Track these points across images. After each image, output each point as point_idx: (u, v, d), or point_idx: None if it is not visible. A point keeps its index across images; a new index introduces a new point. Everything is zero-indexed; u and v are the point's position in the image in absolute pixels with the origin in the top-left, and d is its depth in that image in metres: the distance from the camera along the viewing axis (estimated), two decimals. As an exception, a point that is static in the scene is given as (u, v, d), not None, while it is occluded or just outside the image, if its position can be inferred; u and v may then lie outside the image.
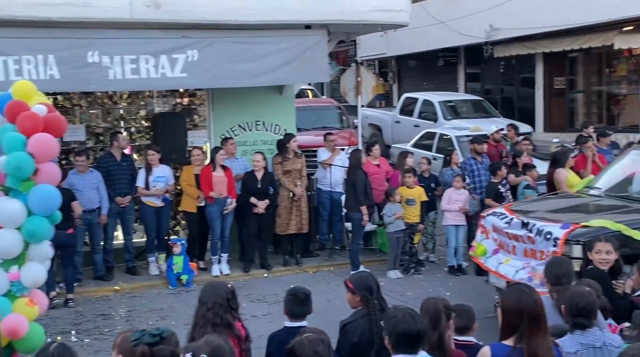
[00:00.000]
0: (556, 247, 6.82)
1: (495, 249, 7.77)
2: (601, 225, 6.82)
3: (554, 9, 17.82)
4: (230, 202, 9.92)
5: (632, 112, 18.24)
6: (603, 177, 8.68)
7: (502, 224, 7.65)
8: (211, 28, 9.48)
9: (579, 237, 6.77)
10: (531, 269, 7.06)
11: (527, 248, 7.21)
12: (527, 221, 7.32)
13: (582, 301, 4.17)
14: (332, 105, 18.04)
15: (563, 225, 6.98)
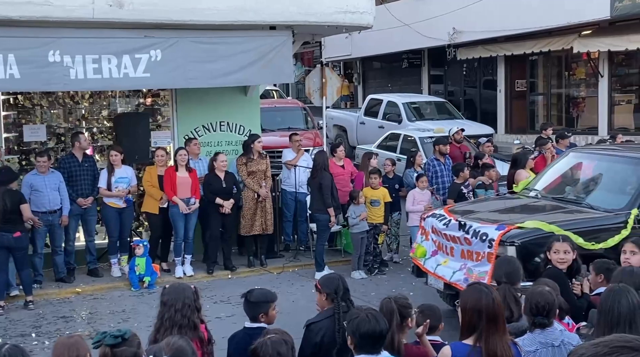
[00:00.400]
0: (491, 248, 6.91)
1: (434, 250, 7.82)
2: (535, 226, 6.93)
3: (515, 13, 18.11)
4: (193, 203, 9.87)
5: (591, 115, 18.62)
6: (542, 179, 8.81)
7: (440, 226, 7.70)
8: (175, 28, 9.42)
9: (513, 238, 6.87)
10: (467, 270, 7.12)
11: (464, 249, 7.27)
12: (464, 222, 7.38)
13: (542, 300, 4.24)
14: (297, 106, 18.09)
15: (498, 226, 7.06)
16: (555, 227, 6.85)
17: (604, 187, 8.11)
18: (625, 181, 7.85)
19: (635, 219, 7.10)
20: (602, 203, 7.58)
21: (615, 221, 7.15)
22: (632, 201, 7.34)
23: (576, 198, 8.02)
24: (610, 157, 8.46)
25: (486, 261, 6.98)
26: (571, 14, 16.81)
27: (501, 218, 7.52)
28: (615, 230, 7.00)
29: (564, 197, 8.12)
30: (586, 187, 8.33)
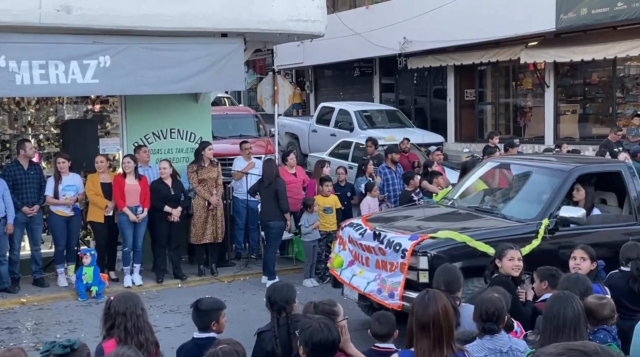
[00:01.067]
0: (404, 258, 6.90)
1: (350, 260, 7.73)
2: (448, 236, 6.95)
3: (464, 24, 18.44)
4: (141, 211, 9.73)
5: (537, 124, 19.05)
6: (460, 188, 8.88)
7: (356, 235, 7.63)
8: (125, 34, 9.30)
9: (426, 248, 6.89)
10: (381, 280, 7.07)
11: (379, 259, 7.22)
12: (378, 232, 7.35)
13: (492, 306, 4.30)
14: (249, 113, 18.03)
15: (411, 236, 7.05)
16: (467, 237, 6.90)
17: (518, 197, 8.14)
18: (539, 190, 7.91)
19: (545, 229, 7.15)
20: (515, 213, 7.62)
21: (526, 231, 7.19)
22: (543, 211, 7.38)
23: (491, 208, 8.05)
24: (525, 167, 8.53)
25: (399, 271, 6.95)
26: (518, 26, 17.20)
27: (416, 228, 7.52)
28: (527, 240, 7.03)
29: (480, 206, 8.17)
30: (501, 197, 8.38)
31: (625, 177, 7.78)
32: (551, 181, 7.75)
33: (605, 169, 8.37)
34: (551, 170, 8.01)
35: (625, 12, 14.94)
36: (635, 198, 7.70)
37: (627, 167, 8.01)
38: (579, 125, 18.52)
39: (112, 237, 9.99)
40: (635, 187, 7.74)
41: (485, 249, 6.78)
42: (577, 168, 7.84)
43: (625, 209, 7.87)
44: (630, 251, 5.94)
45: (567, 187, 7.62)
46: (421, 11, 19.18)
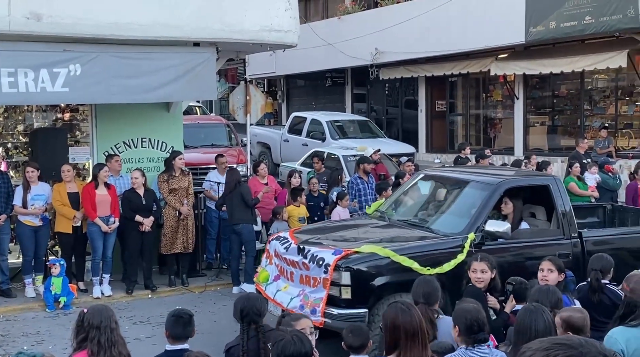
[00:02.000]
0: (327, 274, 6.76)
1: (276, 275, 7.58)
2: (371, 251, 6.84)
3: (435, 35, 18.63)
4: (113, 221, 9.63)
5: (507, 136, 19.28)
6: (392, 200, 8.83)
7: (281, 249, 7.50)
8: (96, 42, 9.23)
9: (348, 263, 6.77)
10: (304, 296, 6.92)
11: (303, 275, 7.09)
12: (303, 246, 7.23)
13: (478, 316, 4.28)
14: (221, 122, 17.98)
15: (335, 251, 6.92)
16: (390, 251, 6.80)
17: (447, 211, 8.07)
18: (467, 204, 7.80)
19: (471, 243, 7.08)
20: (442, 227, 7.57)
21: (452, 245, 7.12)
22: (469, 225, 7.29)
23: (420, 221, 7.97)
24: (455, 180, 8.44)
25: (322, 287, 6.82)
26: (488, 38, 17.43)
27: (341, 242, 7.40)
28: (452, 254, 6.98)
29: (409, 220, 8.09)
30: (431, 210, 8.30)
31: (553, 191, 7.70)
32: (479, 194, 7.65)
33: (534, 182, 8.31)
34: (479, 183, 7.89)
35: (593, 26, 15.23)
36: (563, 212, 7.62)
37: (555, 180, 7.96)
38: (548, 137, 18.78)
39: (81, 247, 9.86)
40: (563, 201, 7.67)
41: (409, 264, 6.72)
42: (504, 182, 7.77)
43: (553, 223, 7.78)
44: (595, 263, 6.00)
45: (494, 201, 7.54)
46: (393, 22, 19.34)
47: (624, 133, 16.93)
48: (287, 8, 10.39)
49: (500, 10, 17.10)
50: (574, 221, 7.67)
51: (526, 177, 8.87)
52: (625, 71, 16.25)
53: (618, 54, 15.22)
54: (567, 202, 7.75)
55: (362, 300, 6.73)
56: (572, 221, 7.64)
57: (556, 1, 15.87)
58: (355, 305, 6.69)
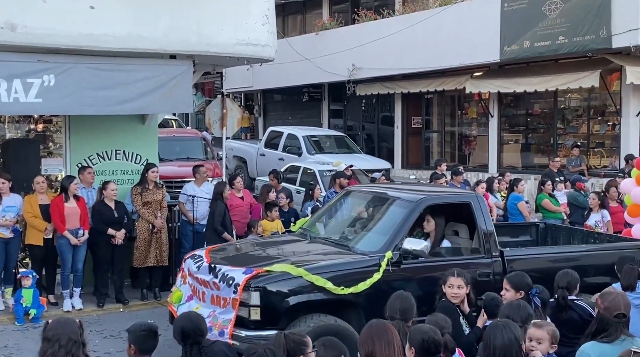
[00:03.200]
0: (236, 294, 6.56)
1: (189, 295, 7.31)
2: (283, 270, 6.66)
3: (410, 53, 18.80)
4: (82, 234, 9.52)
5: (482, 153, 19.45)
6: (316, 217, 8.65)
7: (194, 268, 7.28)
8: (71, 53, 9.17)
9: (259, 283, 6.58)
10: (213, 317, 6.65)
11: (214, 295, 6.86)
12: (214, 265, 7.03)
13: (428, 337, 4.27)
14: (197, 136, 17.92)
15: (246, 270, 6.71)
16: (303, 270, 6.63)
17: (367, 228, 7.88)
18: (387, 221, 7.62)
19: (388, 261, 6.90)
20: (361, 245, 7.39)
21: (368, 264, 6.93)
22: (387, 243, 7.10)
23: (340, 239, 7.77)
24: (378, 197, 8.26)
25: (231, 307, 6.61)
26: (464, 56, 17.62)
27: (254, 261, 7.21)
28: (369, 273, 6.81)
29: (330, 237, 7.90)
30: (352, 228, 8.14)
31: (475, 209, 7.56)
32: (399, 212, 7.51)
33: (455, 200, 8.17)
34: (400, 200, 7.73)
35: (566, 46, 15.47)
36: (484, 231, 7.46)
37: (477, 198, 7.82)
38: (522, 155, 18.98)
39: (51, 260, 9.73)
40: (485, 219, 7.52)
41: (322, 283, 6.55)
42: (424, 199, 7.64)
43: (474, 242, 7.60)
44: (561, 280, 6.00)
45: (413, 218, 7.39)
46: (370, 39, 19.48)
47: (596, 152, 17.17)
48: (265, 22, 10.42)
49: (475, 29, 17.31)
50: (496, 240, 7.51)
51: (448, 194, 8.69)
52: (597, 91, 16.51)
53: (591, 73, 15.47)
54: (489, 221, 7.60)
55: (273, 321, 6.49)
56: (494, 239, 7.48)
57: (530, 21, 16.11)
58: (265, 326, 6.43)
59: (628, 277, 6.43)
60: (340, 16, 23.52)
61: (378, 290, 6.74)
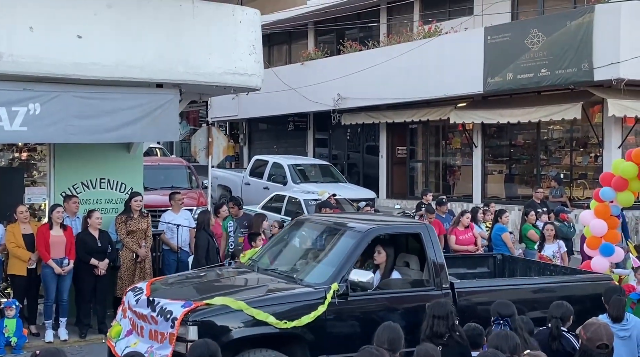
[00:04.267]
0: (173, 328, 6.32)
1: (129, 329, 7.03)
2: (223, 303, 6.43)
3: (395, 83, 18.97)
4: (67, 263, 9.41)
5: (466, 183, 19.55)
6: (265, 248, 8.43)
7: (133, 302, 7.03)
8: (57, 82, 9.15)
9: (197, 317, 6.33)
10: (150, 354, 6.38)
11: (152, 329, 6.59)
12: (153, 298, 6.80)
13: None
14: (182, 164, 17.88)
15: (185, 303, 6.48)
16: (243, 304, 6.42)
17: (315, 259, 7.67)
18: (335, 252, 7.39)
19: (334, 294, 6.72)
20: (308, 277, 7.17)
21: (314, 297, 6.72)
22: (334, 275, 6.90)
23: (287, 270, 7.53)
24: (328, 227, 8.05)
25: (168, 342, 6.34)
26: (448, 87, 17.80)
27: (195, 293, 7.00)
28: (313, 306, 6.62)
29: (277, 269, 7.66)
30: (300, 259, 7.94)
31: (425, 239, 7.40)
32: (347, 242, 7.30)
33: (404, 230, 8.03)
34: (349, 230, 7.52)
35: (549, 78, 15.68)
36: (434, 262, 7.30)
37: (427, 229, 7.63)
38: (505, 185, 19.09)
39: (34, 289, 9.59)
40: (435, 250, 7.37)
41: (264, 317, 6.34)
42: (373, 229, 7.43)
43: (425, 273, 7.44)
44: (556, 310, 6.07)
45: (361, 249, 7.21)
46: (355, 69, 19.64)
47: (579, 183, 17.31)
48: (252, 52, 10.49)
49: (459, 60, 17.51)
50: (446, 271, 7.37)
51: (397, 224, 8.50)
52: (579, 123, 16.70)
53: (573, 106, 15.67)
54: (439, 252, 7.45)
55: None
56: (444, 271, 7.33)
57: (513, 53, 16.33)
58: None
59: (616, 309, 6.46)
60: (326, 46, 23.72)
61: (324, 323, 6.58)
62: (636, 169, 9.18)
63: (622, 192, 9.42)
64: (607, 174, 9.73)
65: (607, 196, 9.49)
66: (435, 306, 5.84)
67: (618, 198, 9.48)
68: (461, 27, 18.91)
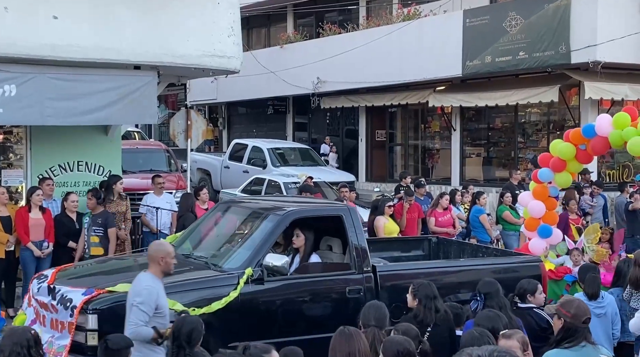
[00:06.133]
0: (72, 317, 6.05)
1: (33, 319, 6.71)
2: (126, 290, 5.92)
3: (375, 66, 18.96)
4: (47, 246, 9.35)
5: (445, 166, 19.67)
6: (186, 233, 8.10)
7: (35, 289, 6.73)
8: (33, 63, 9.05)
9: (97, 305, 6.06)
10: (49, 344, 6.10)
11: (53, 318, 6.31)
12: (54, 286, 6.52)
13: (403, 348, 4.32)
14: (160, 148, 17.78)
15: (86, 291, 6.20)
16: None
17: (234, 244, 7.42)
18: (253, 236, 7.15)
19: (248, 279, 6.48)
20: (224, 262, 6.93)
21: (226, 283, 6.49)
22: (249, 259, 6.69)
23: (202, 256, 7.25)
24: (248, 210, 7.87)
25: (67, 332, 6.08)
26: (427, 71, 17.84)
27: (99, 280, 6.67)
28: (226, 292, 6.39)
29: (192, 254, 7.37)
30: (218, 243, 7.70)
31: (346, 222, 7.17)
32: (265, 226, 7.07)
33: (324, 213, 7.78)
34: (266, 214, 7.28)
35: (526, 61, 15.78)
36: (356, 245, 7.08)
37: (349, 211, 7.39)
38: (483, 168, 19.23)
39: (12, 272, 9.53)
40: (357, 233, 7.15)
41: (170, 305, 5.94)
42: (290, 212, 7.16)
43: (346, 257, 7.26)
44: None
45: (278, 233, 7.03)
46: (334, 52, 19.60)
47: (556, 165, 17.47)
48: (230, 34, 10.42)
49: (438, 43, 17.55)
50: (368, 254, 7.14)
51: (317, 207, 8.18)
52: (557, 106, 16.84)
53: (550, 88, 15.79)
54: (361, 235, 7.24)
55: None
56: (366, 254, 7.10)
57: (491, 36, 16.40)
58: None
59: (591, 286, 6.57)
60: (305, 30, 23.63)
61: (239, 309, 6.39)
62: (574, 150, 9.01)
63: (560, 173, 9.23)
64: (545, 155, 9.54)
65: (545, 177, 9.30)
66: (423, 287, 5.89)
67: (556, 179, 9.30)
68: (440, 9, 18.92)
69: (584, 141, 8.97)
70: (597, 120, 8.99)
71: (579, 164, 9.42)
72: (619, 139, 8.58)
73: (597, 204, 13.23)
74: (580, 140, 9.00)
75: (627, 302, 6.78)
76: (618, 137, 8.56)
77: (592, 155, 9.33)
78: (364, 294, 6.95)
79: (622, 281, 7.00)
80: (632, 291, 6.62)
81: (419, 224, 11.48)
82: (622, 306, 6.78)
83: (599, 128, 8.75)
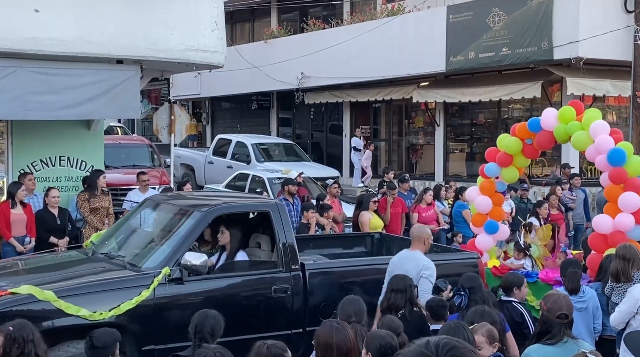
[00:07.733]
0: None
1: None
2: (30, 292, 5.85)
3: (359, 62, 18.98)
4: (29, 242, 9.28)
5: (428, 161, 19.73)
6: (110, 231, 7.94)
7: None
8: (14, 57, 8.95)
9: None
10: None
11: None
12: None
13: (385, 342, 4.33)
14: (143, 143, 17.68)
15: None
16: (50, 294, 5.84)
17: (155, 242, 7.15)
18: (173, 234, 6.88)
19: (164, 278, 6.23)
20: (140, 260, 6.66)
21: (140, 283, 6.21)
22: (167, 258, 6.43)
23: (121, 255, 6.96)
24: (171, 207, 7.53)
25: None
26: (411, 66, 17.87)
27: (7, 281, 6.33)
28: (136, 293, 6.11)
29: (110, 253, 7.09)
30: (139, 241, 7.46)
31: (274, 218, 6.90)
32: (187, 223, 6.81)
33: (250, 209, 7.59)
34: (189, 210, 6.99)
35: (509, 57, 15.85)
36: (284, 242, 6.83)
37: (277, 207, 7.10)
38: (467, 164, 19.31)
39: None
40: (284, 229, 6.90)
41: (74, 312, 5.79)
42: (212, 209, 6.89)
43: (274, 254, 7.00)
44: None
45: (199, 230, 6.79)
46: (318, 48, 19.59)
47: (538, 161, 17.57)
48: (214, 29, 10.38)
49: (422, 39, 17.59)
50: (296, 252, 6.90)
51: (243, 203, 7.94)
52: (539, 101, 16.92)
53: (533, 84, 15.88)
54: (289, 232, 7.00)
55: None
56: (294, 251, 6.86)
57: (475, 32, 16.46)
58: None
59: (572, 281, 6.62)
60: (289, 25, 23.58)
61: (155, 310, 6.14)
62: (520, 144, 8.79)
63: (507, 168, 9.03)
64: (492, 149, 9.31)
65: (491, 172, 9.10)
66: (394, 280, 5.93)
67: (502, 174, 9.09)
68: (424, 5, 18.96)
69: (530, 135, 8.69)
70: (543, 114, 8.64)
71: (525, 158, 9.16)
72: (563, 134, 8.29)
73: (577, 197, 13.26)
74: (527, 134, 8.72)
75: (606, 297, 6.83)
76: (562, 131, 8.27)
77: (539, 149, 9.04)
78: (292, 293, 6.77)
79: (603, 275, 7.05)
80: (614, 286, 6.68)
81: (402, 219, 11.53)
82: (601, 300, 6.83)
83: (544, 122, 8.45)
